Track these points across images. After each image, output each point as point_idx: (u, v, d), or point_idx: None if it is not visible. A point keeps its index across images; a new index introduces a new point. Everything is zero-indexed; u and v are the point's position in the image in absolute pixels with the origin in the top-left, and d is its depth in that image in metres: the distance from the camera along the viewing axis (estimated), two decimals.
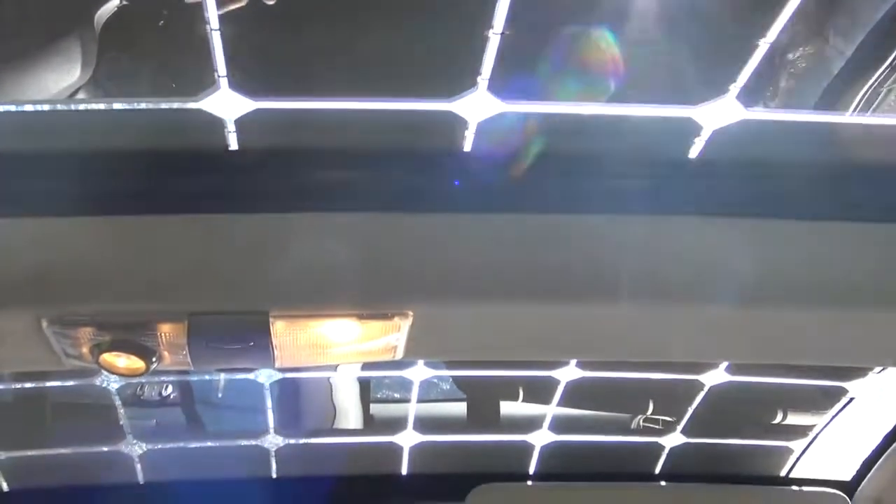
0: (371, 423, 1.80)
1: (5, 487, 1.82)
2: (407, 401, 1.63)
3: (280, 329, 1.13)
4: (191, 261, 1.10)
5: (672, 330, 1.20)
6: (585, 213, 1.14)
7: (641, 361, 1.56)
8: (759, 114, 1.09)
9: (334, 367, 1.75)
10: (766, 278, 1.14)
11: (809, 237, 1.15)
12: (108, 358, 1.15)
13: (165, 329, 1.12)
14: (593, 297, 1.14)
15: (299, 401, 1.80)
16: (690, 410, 1.72)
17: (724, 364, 1.59)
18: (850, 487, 1.86)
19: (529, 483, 1.82)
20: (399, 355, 1.23)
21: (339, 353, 1.24)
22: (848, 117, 1.17)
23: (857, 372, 1.64)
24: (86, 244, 1.09)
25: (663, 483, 1.84)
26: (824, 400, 1.81)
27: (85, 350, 1.15)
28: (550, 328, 1.19)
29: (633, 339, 1.22)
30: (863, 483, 1.86)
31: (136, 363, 1.16)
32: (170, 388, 1.55)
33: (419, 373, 1.63)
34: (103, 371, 1.54)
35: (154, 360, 1.16)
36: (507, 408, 1.88)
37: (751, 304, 1.15)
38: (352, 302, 1.12)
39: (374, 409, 1.79)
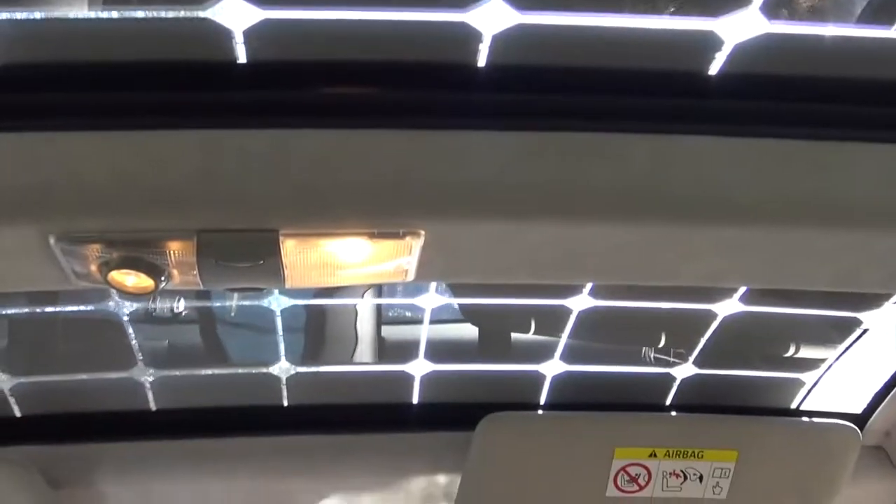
0: (382, 347, 1.79)
1: (18, 413, 1.82)
2: (419, 322, 1.63)
3: (290, 248, 1.12)
4: (198, 177, 1.08)
5: (689, 252, 1.18)
6: (601, 132, 1.12)
7: (656, 286, 1.55)
8: (783, 27, 1.06)
9: (349, 294, 1.74)
10: (785, 199, 1.12)
11: (831, 158, 1.12)
12: (117, 276, 1.14)
13: (174, 247, 1.11)
14: (610, 218, 1.12)
15: (321, 329, 1.79)
16: (703, 341, 1.71)
17: (739, 293, 1.58)
18: (860, 420, 1.85)
19: (540, 412, 1.82)
20: (410, 277, 1.22)
21: (349, 275, 1.23)
22: (869, 31, 1.13)
23: (872, 302, 1.62)
24: (92, 159, 1.08)
25: (674, 413, 1.84)
26: (837, 333, 1.80)
27: (93, 268, 1.14)
28: (565, 249, 1.17)
29: (649, 262, 1.20)
30: (873, 415, 1.85)
31: (144, 281, 1.15)
32: (182, 304, 1.55)
33: (431, 300, 1.62)
34: (113, 293, 1.55)
35: (163, 278, 1.15)
36: (519, 339, 1.87)
37: (769, 226, 1.14)
38: (362, 220, 1.11)
39: (386, 331, 1.78)
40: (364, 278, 1.25)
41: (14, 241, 1.11)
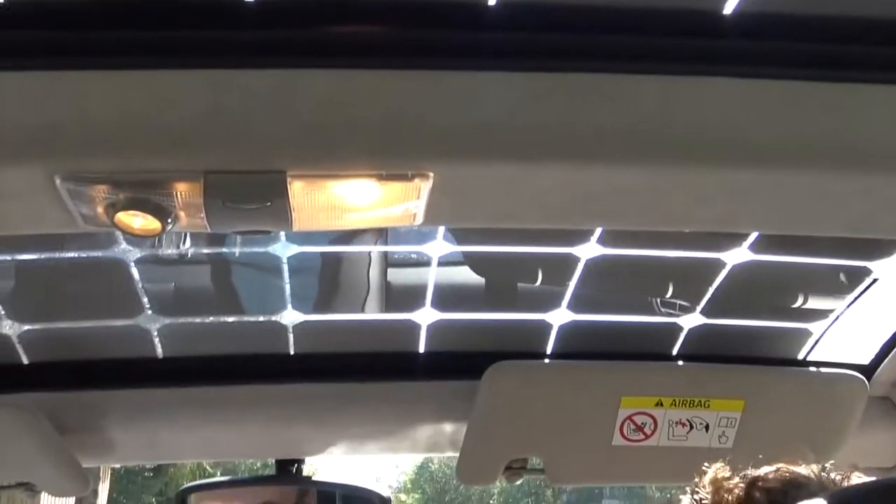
0: (389, 293, 1.79)
1: (25, 360, 1.83)
2: (426, 264, 1.62)
3: (297, 189, 1.11)
4: (205, 117, 1.07)
5: (698, 196, 1.17)
6: (612, 73, 1.10)
7: (665, 234, 1.54)
8: None
9: (356, 241, 1.73)
10: (798, 142, 1.11)
11: (846, 99, 1.11)
12: (124, 218, 1.14)
13: (181, 188, 1.10)
14: (619, 160, 1.11)
15: (328, 276, 1.79)
16: (711, 291, 1.71)
17: (748, 241, 1.57)
18: (868, 370, 1.85)
19: (546, 361, 1.82)
20: (419, 221, 1.21)
21: (357, 218, 1.22)
22: None
23: (883, 250, 1.61)
24: (98, 99, 1.06)
25: (681, 363, 1.84)
26: (847, 283, 1.79)
27: (100, 210, 1.13)
28: (574, 193, 1.16)
29: (658, 206, 1.20)
30: (881, 366, 1.85)
31: (151, 223, 1.14)
32: (188, 242, 1.54)
33: (438, 248, 1.61)
34: (120, 239, 1.54)
35: (170, 220, 1.14)
36: (526, 288, 1.87)
37: (781, 170, 1.12)
38: (370, 162, 1.10)
39: (392, 274, 1.78)
40: (372, 222, 1.25)
41: (20, 182, 1.10)
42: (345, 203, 1.15)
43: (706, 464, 1.15)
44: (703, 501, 1.13)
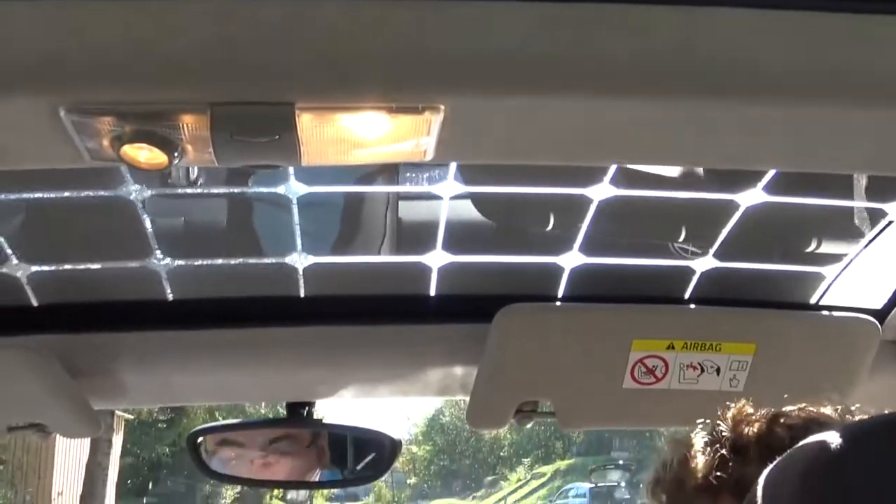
0: (399, 233, 1.77)
1: (34, 302, 1.83)
2: (437, 207, 1.60)
3: (306, 122, 1.09)
4: (211, 47, 1.05)
5: (714, 131, 1.15)
6: (628, 3, 1.07)
7: (679, 176, 1.52)
8: None
9: (367, 182, 1.72)
10: (817, 74, 1.08)
11: (868, 30, 1.08)
12: (130, 151, 1.12)
13: (187, 120, 1.09)
14: (633, 93, 1.09)
15: (339, 218, 1.77)
16: (724, 233, 1.69)
17: (762, 182, 1.55)
18: (881, 314, 1.84)
19: (558, 304, 1.81)
20: (429, 157, 1.20)
21: (366, 154, 1.21)
22: None
23: None
24: (103, 27, 1.04)
25: (692, 306, 1.83)
26: (861, 226, 1.77)
27: (105, 143, 1.12)
28: (587, 127, 1.14)
29: (675, 141, 1.17)
30: (894, 310, 1.84)
31: (158, 157, 1.13)
32: (197, 182, 1.53)
33: (449, 189, 1.60)
34: (127, 178, 1.53)
35: (177, 154, 1.13)
36: (538, 231, 1.85)
37: (799, 103, 1.10)
38: (380, 93, 1.08)
39: (403, 216, 1.76)
40: (382, 157, 1.23)
41: (24, 114, 1.09)
42: (354, 136, 1.14)
43: (729, 403, 1.14)
44: (723, 434, 1.13)
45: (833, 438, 0.81)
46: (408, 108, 1.09)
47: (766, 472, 0.84)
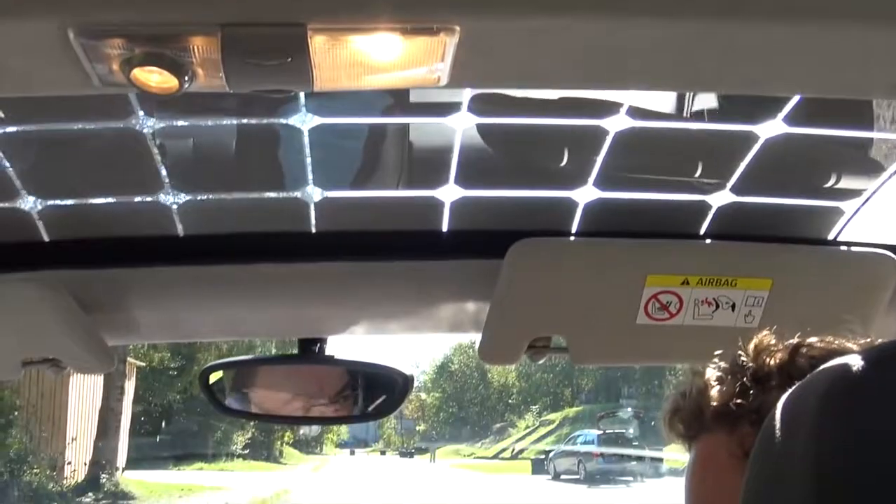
0: (411, 167, 1.75)
1: (46, 238, 1.82)
2: (450, 139, 1.58)
3: (318, 44, 1.07)
4: None
5: (739, 53, 1.12)
6: None
7: (699, 104, 1.49)
8: None
9: (377, 114, 1.69)
10: None
11: None
12: (140, 74, 1.10)
13: (198, 42, 1.06)
14: (655, 13, 1.06)
15: (352, 150, 1.75)
16: (742, 167, 1.67)
17: (782, 113, 1.52)
18: None
19: (571, 238, 1.79)
20: (444, 82, 1.17)
21: (380, 79, 1.18)
22: None
23: None
24: None
25: (708, 241, 1.81)
26: (881, 160, 1.74)
27: (115, 67, 1.10)
28: (608, 49, 1.11)
29: (693, 64, 1.15)
30: None
31: (169, 80, 1.11)
32: (206, 114, 1.51)
33: (462, 121, 1.57)
34: (138, 110, 1.51)
35: (187, 78, 1.11)
36: (552, 165, 1.83)
37: (824, 24, 1.07)
38: (394, 14, 1.05)
39: (415, 150, 1.74)
40: (395, 82, 1.21)
41: (33, 37, 1.07)
42: (367, 60, 1.11)
43: (757, 336, 1.13)
44: (745, 363, 1.12)
45: (855, 361, 0.80)
46: (422, 28, 1.07)
47: (784, 395, 0.83)
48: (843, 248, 1.82)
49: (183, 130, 1.67)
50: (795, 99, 1.47)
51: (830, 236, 1.84)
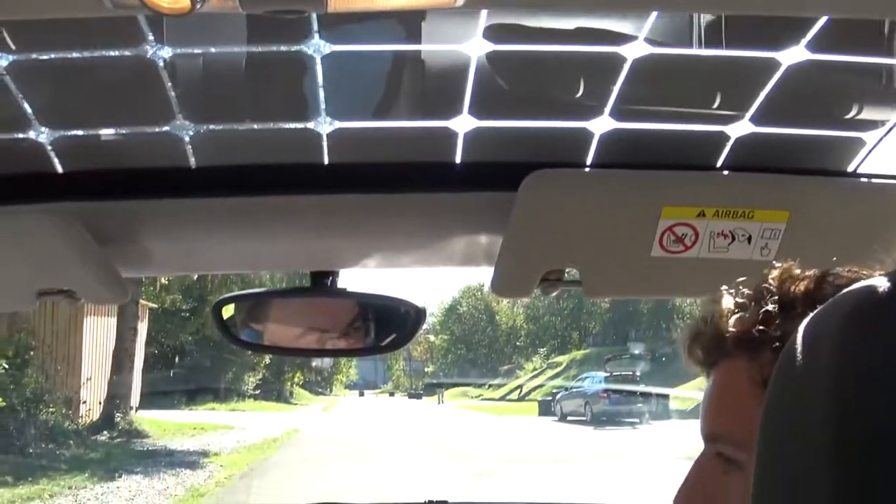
0: (425, 96, 1.73)
1: (59, 169, 1.81)
2: (464, 68, 1.55)
3: None
4: None
5: None
6: None
7: (720, 26, 1.46)
8: None
9: (390, 40, 1.66)
10: None
11: None
12: None
13: None
14: None
15: (365, 78, 1.73)
16: (762, 96, 1.63)
17: (805, 39, 1.49)
18: None
19: (587, 170, 1.77)
20: (460, 2, 1.14)
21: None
22: None
23: None
24: None
25: (725, 173, 1.78)
26: None
27: None
28: None
29: None
30: None
31: (181, 1, 1.09)
32: (217, 41, 1.49)
33: (477, 47, 1.55)
34: (150, 38, 1.49)
35: None
36: (567, 94, 1.80)
37: None
38: None
39: (428, 78, 1.71)
40: (410, 3, 1.18)
41: None
42: None
43: (781, 264, 1.12)
44: (769, 289, 1.11)
45: (880, 283, 0.78)
46: None
47: (807, 318, 0.82)
48: (864, 179, 1.80)
49: (195, 60, 1.65)
50: (819, 24, 1.43)
51: (850, 168, 1.82)
